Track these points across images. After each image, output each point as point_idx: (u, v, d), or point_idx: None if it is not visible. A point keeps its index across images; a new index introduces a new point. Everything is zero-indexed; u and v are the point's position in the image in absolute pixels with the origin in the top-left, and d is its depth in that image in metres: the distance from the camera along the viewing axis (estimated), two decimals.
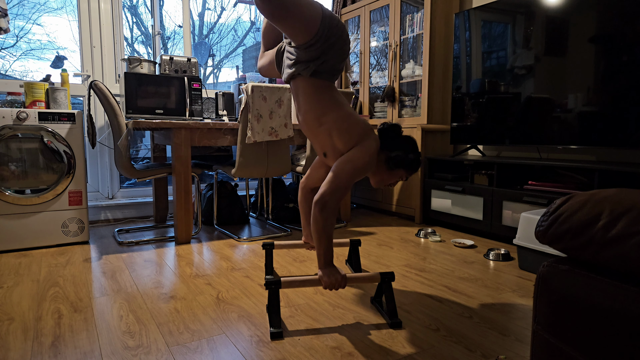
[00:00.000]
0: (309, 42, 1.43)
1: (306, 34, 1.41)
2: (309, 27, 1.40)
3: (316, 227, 1.40)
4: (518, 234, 2.06)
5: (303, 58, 1.47)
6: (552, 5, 2.37)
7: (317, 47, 1.44)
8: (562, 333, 0.77)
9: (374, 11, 3.57)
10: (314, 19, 1.40)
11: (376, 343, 1.32)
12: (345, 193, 1.43)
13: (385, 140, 1.56)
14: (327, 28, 1.43)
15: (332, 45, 1.45)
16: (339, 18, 1.49)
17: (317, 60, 1.46)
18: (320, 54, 1.45)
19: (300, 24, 1.38)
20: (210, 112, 3.23)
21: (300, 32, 1.41)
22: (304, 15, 1.37)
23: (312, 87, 1.51)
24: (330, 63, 1.48)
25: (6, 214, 2.30)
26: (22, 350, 1.27)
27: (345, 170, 1.44)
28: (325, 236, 1.40)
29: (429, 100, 3.11)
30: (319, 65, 1.46)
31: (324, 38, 1.43)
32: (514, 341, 1.34)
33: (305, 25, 1.39)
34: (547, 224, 0.80)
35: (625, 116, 2.12)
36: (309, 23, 1.39)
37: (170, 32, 5.38)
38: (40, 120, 2.34)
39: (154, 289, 1.77)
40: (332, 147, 1.54)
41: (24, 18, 3.80)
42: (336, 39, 1.45)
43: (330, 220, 1.40)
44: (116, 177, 3.22)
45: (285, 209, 3.15)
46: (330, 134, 1.52)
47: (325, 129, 1.52)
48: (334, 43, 1.45)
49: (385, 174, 1.57)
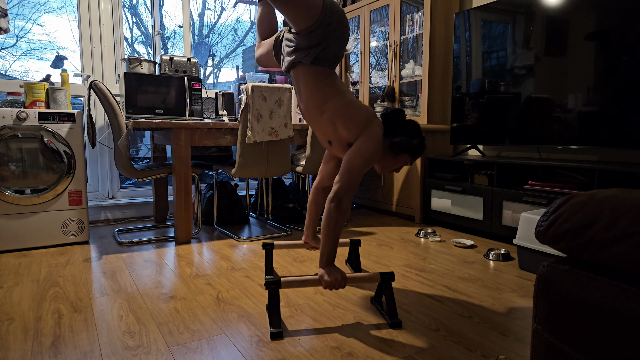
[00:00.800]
0: (311, 27, 1.41)
1: (308, 19, 1.39)
2: (311, 12, 1.38)
3: (328, 223, 1.40)
4: (518, 234, 2.06)
5: (303, 45, 1.45)
6: (552, 5, 2.37)
7: (318, 33, 1.42)
8: (562, 333, 0.77)
9: (374, 11, 3.57)
10: (316, 4, 1.38)
11: (376, 343, 1.32)
12: (355, 189, 1.44)
13: (389, 125, 1.55)
14: (329, 13, 1.41)
15: (333, 31, 1.44)
16: (339, 5, 1.49)
17: (318, 47, 1.44)
18: (321, 40, 1.43)
19: (303, 7, 1.36)
20: (210, 112, 3.23)
21: (302, 17, 1.39)
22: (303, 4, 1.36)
23: (312, 74, 1.49)
24: (331, 50, 1.46)
25: (6, 214, 2.30)
26: (22, 350, 1.27)
27: (356, 163, 1.43)
28: (333, 235, 1.41)
29: (429, 100, 3.11)
30: (319, 52, 1.45)
31: (326, 23, 1.41)
32: (514, 341, 1.34)
33: (307, 9, 1.37)
34: (547, 224, 0.80)
35: (625, 116, 2.12)
36: (311, 7, 1.38)
37: (170, 32, 5.37)
38: (40, 120, 2.34)
39: (154, 289, 1.77)
40: (335, 136, 1.53)
41: (24, 18, 3.79)
42: (337, 25, 1.44)
43: (342, 218, 1.41)
44: (116, 177, 3.22)
45: (285, 209, 3.15)
46: (333, 121, 1.50)
47: (327, 116, 1.51)
48: (334, 29, 1.43)
49: (390, 160, 1.56)
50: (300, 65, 1.50)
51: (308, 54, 1.46)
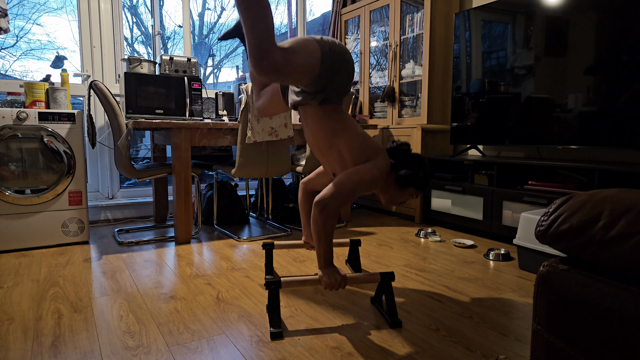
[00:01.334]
0: (314, 81, 1.41)
1: (308, 79, 1.39)
2: (309, 74, 1.38)
3: (316, 227, 1.40)
4: (518, 234, 2.06)
5: (310, 89, 1.45)
6: (552, 5, 2.37)
7: (322, 80, 1.41)
8: (562, 333, 0.77)
9: (374, 11, 3.57)
10: (313, 61, 1.37)
11: (376, 343, 1.32)
12: (346, 201, 1.41)
13: (395, 158, 1.56)
14: (329, 61, 1.40)
15: (337, 72, 1.43)
16: (338, 42, 1.46)
17: (325, 90, 1.44)
18: (327, 83, 1.43)
19: (300, 74, 1.36)
20: (210, 112, 3.23)
21: (301, 81, 1.39)
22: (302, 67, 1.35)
23: (321, 112, 1.50)
24: (337, 86, 1.46)
25: (6, 214, 2.30)
26: (22, 350, 1.27)
27: (350, 178, 1.42)
28: (324, 237, 1.40)
29: (429, 100, 3.11)
30: (327, 93, 1.45)
31: (328, 70, 1.40)
32: (514, 341, 1.34)
33: (303, 74, 1.37)
34: (547, 224, 0.80)
35: (625, 116, 2.12)
36: (307, 71, 1.37)
37: (170, 32, 5.37)
38: (40, 120, 2.34)
39: (154, 289, 1.77)
40: (342, 167, 1.53)
41: (24, 18, 3.79)
42: (339, 66, 1.43)
43: (330, 222, 1.39)
44: (116, 177, 3.22)
45: (285, 209, 3.15)
46: (340, 153, 1.51)
47: (336, 150, 1.52)
48: (338, 69, 1.42)
49: (396, 192, 1.57)
50: (309, 104, 1.51)
51: (315, 97, 1.46)
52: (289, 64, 1.30)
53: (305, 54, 1.35)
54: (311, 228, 1.42)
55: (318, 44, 1.39)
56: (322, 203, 1.38)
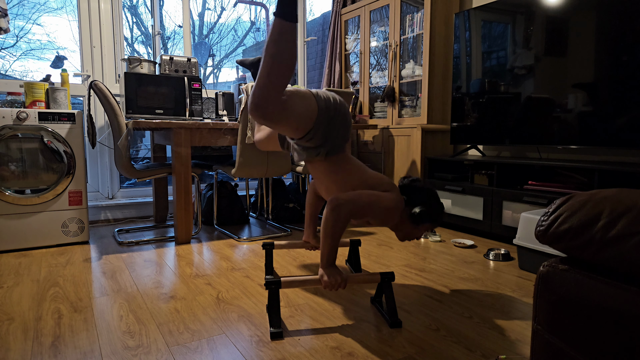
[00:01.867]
0: (310, 133, 1.43)
1: (301, 132, 1.42)
2: (303, 127, 1.41)
3: (325, 225, 1.40)
4: (518, 234, 2.06)
5: (310, 145, 1.48)
6: (552, 5, 2.37)
7: (319, 135, 1.44)
8: (562, 333, 0.77)
9: (374, 11, 3.57)
10: (310, 114, 1.40)
11: (376, 343, 1.32)
12: (358, 211, 1.41)
13: (408, 195, 1.56)
14: (325, 113, 1.43)
15: (334, 125, 1.46)
16: (333, 96, 1.48)
17: (326, 144, 1.47)
18: (326, 136, 1.45)
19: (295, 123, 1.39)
20: (210, 112, 3.23)
21: (295, 132, 1.42)
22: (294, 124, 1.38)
23: (328, 165, 1.53)
24: (338, 137, 1.49)
25: (6, 214, 2.30)
26: (22, 350, 1.27)
27: (371, 194, 1.44)
28: (331, 236, 1.40)
29: (429, 100, 3.11)
30: (328, 147, 1.47)
31: (325, 123, 1.44)
32: (514, 341, 1.34)
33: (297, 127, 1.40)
34: (547, 224, 0.80)
35: (625, 116, 2.12)
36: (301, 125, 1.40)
37: (170, 32, 5.37)
38: (40, 120, 2.34)
39: (154, 289, 1.77)
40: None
41: (24, 18, 3.79)
42: (335, 118, 1.46)
43: (340, 223, 1.38)
44: (116, 177, 3.22)
45: (285, 209, 3.15)
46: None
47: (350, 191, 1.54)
48: (334, 121, 1.46)
49: (410, 229, 1.57)
50: (315, 160, 1.54)
51: (318, 152, 1.48)
52: (280, 122, 1.35)
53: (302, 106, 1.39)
54: (321, 224, 1.43)
55: (314, 97, 1.44)
56: (335, 202, 1.39)
